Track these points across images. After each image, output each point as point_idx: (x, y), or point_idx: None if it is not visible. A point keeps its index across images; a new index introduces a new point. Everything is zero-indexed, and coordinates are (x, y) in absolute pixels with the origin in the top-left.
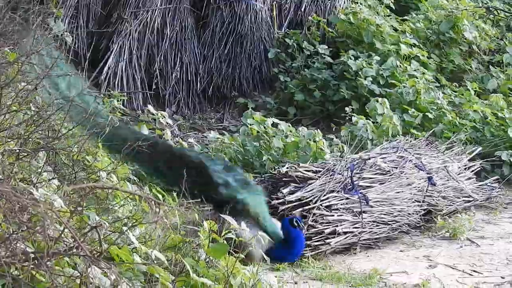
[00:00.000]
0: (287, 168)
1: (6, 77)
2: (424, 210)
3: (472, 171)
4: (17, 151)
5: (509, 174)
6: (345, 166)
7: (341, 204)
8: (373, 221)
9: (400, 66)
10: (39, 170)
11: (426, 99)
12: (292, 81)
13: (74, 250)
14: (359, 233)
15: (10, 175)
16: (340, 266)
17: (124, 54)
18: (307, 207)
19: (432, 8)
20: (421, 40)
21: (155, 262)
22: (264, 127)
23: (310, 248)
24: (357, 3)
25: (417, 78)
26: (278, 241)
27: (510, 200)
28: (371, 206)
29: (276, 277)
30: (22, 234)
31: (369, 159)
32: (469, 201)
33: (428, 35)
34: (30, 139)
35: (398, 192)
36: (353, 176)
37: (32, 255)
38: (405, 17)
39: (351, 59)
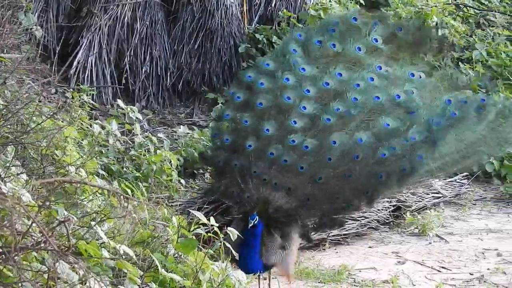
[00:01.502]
0: None
1: None
2: (393, 206)
3: None
4: None
5: (478, 170)
6: None
7: None
8: None
9: None
10: (7, 165)
11: None
12: None
13: (42, 245)
14: None
15: None
16: (309, 262)
17: (94, 49)
18: None
19: (401, 5)
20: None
21: (124, 257)
22: None
23: None
24: None
25: None
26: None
27: (479, 197)
28: None
29: None
30: None
31: None
32: (438, 198)
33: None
34: None
35: None
36: None
37: None
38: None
39: None
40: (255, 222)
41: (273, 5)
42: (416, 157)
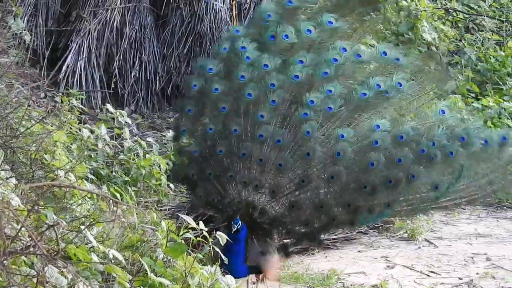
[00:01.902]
0: None
1: None
2: None
3: None
4: None
5: None
6: None
7: None
8: None
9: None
10: None
11: None
12: None
13: (31, 249)
14: None
15: None
16: (298, 266)
17: (83, 53)
18: None
19: (391, 9)
20: (380, 40)
21: (113, 261)
22: None
23: None
24: None
25: None
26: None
27: None
28: None
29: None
30: None
31: None
32: None
33: (387, 36)
34: None
35: None
36: None
37: None
38: (364, 18)
39: None
40: (238, 227)
41: None
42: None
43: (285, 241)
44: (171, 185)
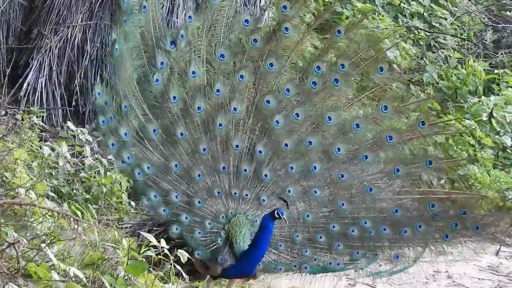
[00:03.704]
0: None
1: None
2: None
3: None
4: None
5: None
6: None
7: None
8: None
9: None
10: None
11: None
12: None
13: None
14: None
15: None
16: (259, 284)
17: (44, 70)
18: None
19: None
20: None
21: (74, 279)
22: None
23: None
24: None
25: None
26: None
27: None
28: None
29: None
30: None
31: None
32: None
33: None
34: None
35: None
36: None
37: None
38: (326, 35)
39: None
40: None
41: None
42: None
43: None
44: (132, 203)
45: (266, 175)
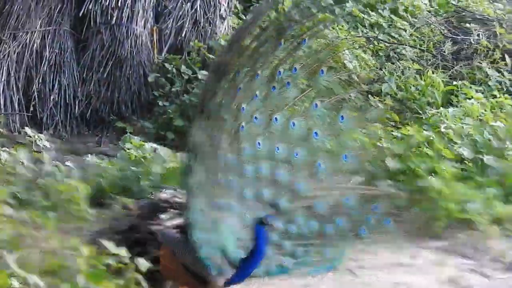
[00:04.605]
0: (166, 193)
1: None
2: None
3: None
4: None
5: None
6: None
7: None
8: None
9: None
10: None
11: None
12: (171, 106)
13: None
14: None
15: None
16: None
17: (2, 76)
18: None
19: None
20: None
21: (33, 287)
22: (143, 152)
23: None
24: None
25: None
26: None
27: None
28: None
29: None
30: None
31: None
32: None
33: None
34: None
35: None
36: None
37: None
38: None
39: None
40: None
41: (183, 35)
42: None
43: None
44: (92, 211)
45: None
